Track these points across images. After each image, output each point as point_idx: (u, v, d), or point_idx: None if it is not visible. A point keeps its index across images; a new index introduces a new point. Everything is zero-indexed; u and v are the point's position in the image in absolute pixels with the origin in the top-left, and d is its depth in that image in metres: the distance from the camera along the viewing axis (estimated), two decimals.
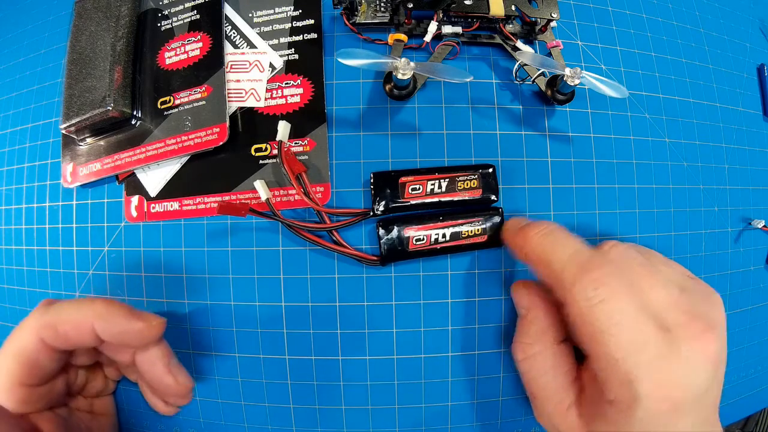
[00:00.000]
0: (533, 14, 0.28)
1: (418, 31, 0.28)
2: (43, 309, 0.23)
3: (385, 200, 0.26)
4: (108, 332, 0.23)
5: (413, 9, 0.27)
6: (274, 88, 0.28)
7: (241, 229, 0.27)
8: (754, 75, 0.35)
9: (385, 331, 0.27)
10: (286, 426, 0.27)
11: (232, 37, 0.29)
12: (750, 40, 0.35)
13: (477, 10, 0.27)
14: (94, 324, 0.22)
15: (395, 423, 0.27)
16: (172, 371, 0.25)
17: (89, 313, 0.22)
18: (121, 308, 0.23)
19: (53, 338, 0.22)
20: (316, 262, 0.27)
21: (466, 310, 0.27)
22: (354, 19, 0.28)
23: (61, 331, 0.22)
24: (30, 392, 0.22)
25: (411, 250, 0.26)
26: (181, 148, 0.28)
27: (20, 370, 0.22)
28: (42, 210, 0.30)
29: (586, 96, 0.29)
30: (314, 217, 0.27)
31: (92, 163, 0.29)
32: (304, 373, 0.27)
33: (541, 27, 0.28)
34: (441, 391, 0.27)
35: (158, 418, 0.28)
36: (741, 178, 0.32)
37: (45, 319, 0.22)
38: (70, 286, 0.30)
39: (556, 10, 0.28)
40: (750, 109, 0.34)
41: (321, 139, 0.27)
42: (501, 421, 0.28)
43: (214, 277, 0.27)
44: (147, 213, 0.29)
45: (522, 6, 0.28)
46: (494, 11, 0.27)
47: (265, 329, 0.27)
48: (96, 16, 0.29)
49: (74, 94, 0.28)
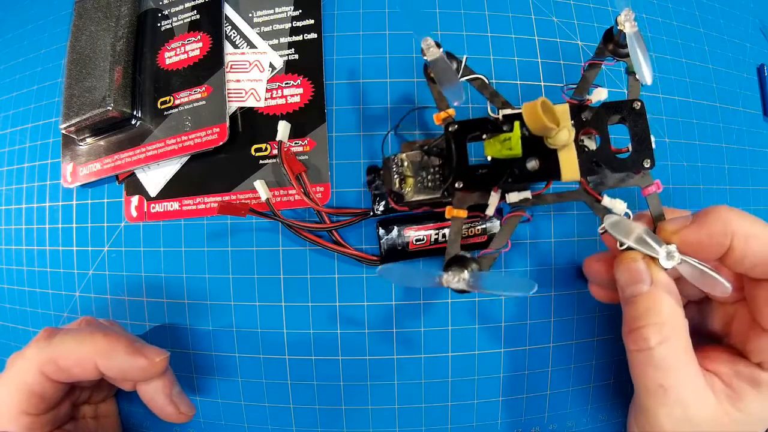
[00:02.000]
0: (621, 169, 0.21)
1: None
2: (44, 342, 0.22)
3: (385, 200, 0.26)
4: (110, 369, 0.22)
5: (464, 189, 0.22)
6: (274, 88, 0.28)
7: (241, 229, 0.27)
8: (754, 75, 0.34)
9: (385, 331, 0.27)
10: (286, 426, 0.27)
11: (232, 37, 0.29)
12: (750, 40, 0.35)
13: (544, 177, 0.21)
14: (96, 360, 0.22)
15: (395, 423, 0.27)
16: (174, 401, 0.24)
17: (90, 349, 0.22)
18: (122, 343, 0.23)
19: (55, 373, 0.22)
20: (316, 262, 0.27)
21: (466, 310, 0.27)
22: (402, 200, 0.24)
23: (63, 366, 0.22)
24: (35, 420, 0.22)
25: (411, 250, 0.26)
26: (181, 148, 0.28)
27: (24, 401, 0.22)
28: (42, 210, 0.30)
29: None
30: (314, 217, 0.27)
31: (92, 163, 0.29)
32: (304, 373, 0.27)
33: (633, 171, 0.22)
34: (441, 390, 0.27)
35: (157, 418, 0.28)
36: (741, 178, 0.32)
37: (47, 352, 0.22)
38: (70, 286, 0.30)
39: (650, 157, 0.21)
40: (750, 109, 0.34)
41: (321, 139, 0.27)
42: (501, 420, 0.28)
43: (213, 277, 0.27)
44: (147, 213, 0.29)
45: (607, 160, 0.21)
46: (567, 176, 0.21)
47: (265, 329, 0.27)
48: (96, 16, 0.29)
49: (74, 94, 0.28)
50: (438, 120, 0.23)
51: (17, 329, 0.31)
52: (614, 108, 0.21)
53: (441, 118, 0.23)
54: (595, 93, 0.23)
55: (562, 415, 0.28)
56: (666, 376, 0.19)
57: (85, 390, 0.26)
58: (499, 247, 0.22)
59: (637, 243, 0.20)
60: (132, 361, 0.22)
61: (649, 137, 0.21)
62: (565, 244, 0.28)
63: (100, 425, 0.27)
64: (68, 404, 0.24)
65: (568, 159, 0.21)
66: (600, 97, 0.22)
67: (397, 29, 0.28)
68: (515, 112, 0.22)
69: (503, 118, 0.22)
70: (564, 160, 0.21)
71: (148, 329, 0.28)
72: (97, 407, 0.27)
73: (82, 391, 0.26)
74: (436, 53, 0.21)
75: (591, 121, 0.21)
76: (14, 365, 0.22)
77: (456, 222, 0.22)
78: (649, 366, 0.20)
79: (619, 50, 0.23)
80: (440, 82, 0.22)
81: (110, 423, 0.27)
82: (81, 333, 0.23)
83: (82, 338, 0.22)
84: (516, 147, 0.20)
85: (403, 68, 0.28)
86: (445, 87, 0.22)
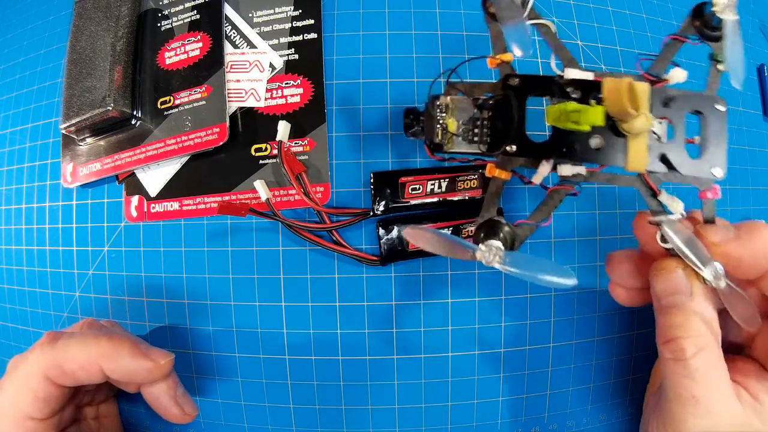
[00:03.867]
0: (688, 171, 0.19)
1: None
2: (48, 346, 0.22)
3: (385, 200, 0.26)
4: (116, 372, 0.22)
5: (516, 155, 0.19)
6: (274, 88, 0.28)
7: (241, 229, 0.27)
8: (754, 75, 0.34)
9: (385, 331, 0.27)
10: (286, 426, 0.27)
11: (232, 37, 0.29)
12: (750, 40, 0.35)
13: (607, 161, 0.19)
14: (101, 364, 0.22)
15: (395, 423, 0.27)
16: (178, 402, 0.24)
17: (95, 352, 0.22)
18: (127, 346, 0.23)
19: (60, 377, 0.22)
20: (316, 262, 0.27)
21: (466, 310, 0.27)
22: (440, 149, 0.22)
23: (68, 370, 0.22)
24: (39, 424, 0.22)
25: (411, 250, 0.26)
26: (181, 148, 0.28)
27: (28, 405, 0.22)
28: (42, 210, 0.30)
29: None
30: (314, 217, 0.27)
31: (92, 163, 0.29)
32: (304, 373, 0.27)
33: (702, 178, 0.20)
34: (441, 390, 0.27)
35: (157, 418, 0.28)
36: (741, 178, 0.32)
37: (51, 357, 0.22)
38: (70, 286, 0.30)
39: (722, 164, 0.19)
40: (750, 109, 0.34)
41: (321, 139, 0.27)
42: (501, 420, 0.28)
43: (213, 277, 0.27)
44: (147, 213, 0.29)
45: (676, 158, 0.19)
46: (633, 165, 0.19)
47: (265, 329, 0.27)
48: (96, 16, 0.29)
49: (74, 94, 0.28)
50: (492, 64, 0.20)
51: (17, 329, 0.31)
52: (694, 99, 0.20)
53: (496, 62, 0.20)
54: (672, 73, 0.20)
55: (562, 415, 0.28)
56: (699, 386, 0.19)
57: (87, 392, 0.26)
58: (539, 221, 0.20)
59: (687, 250, 0.18)
60: (137, 363, 0.22)
61: (725, 143, 0.20)
62: (566, 245, 0.28)
63: (102, 426, 0.27)
64: (72, 407, 0.24)
65: (638, 147, 0.19)
66: (678, 78, 0.20)
67: (397, 29, 0.28)
68: (586, 78, 0.19)
69: (572, 84, 0.19)
70: (633, 148, 0.19)
71: (148, 329, 0.28)
72: (98, 408, 0.27)
73: (85, 394, 0.26)
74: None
75: (667, 108, 0.19)
76: (17, 369, 0.22)
77: (496, 183, 0.20)
78: (684, 376, 0.20)
79: (707, 31, 0.20)
80: (501, 20, 0.19)
81: (111, 423, 0.27)
82: (85, 336, 0.23)
83: (86, 342, 0.22)
84: (586, 125, 0.18)
85: (403, 68, 0.28)
86: (508, 26, 0.19)
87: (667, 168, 0.19)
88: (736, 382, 0.21)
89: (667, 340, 0.20)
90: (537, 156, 0.20)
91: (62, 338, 0.22)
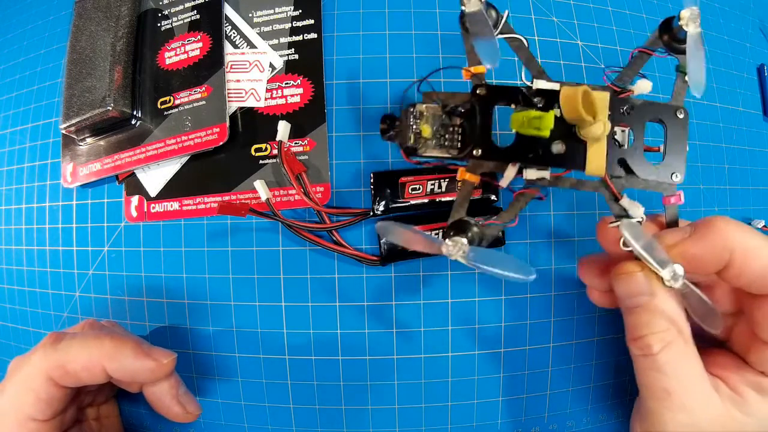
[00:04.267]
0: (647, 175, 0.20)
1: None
2: (50, 347, 0.22)
3: (385, 200, 0.26)
4: (118, 372, 0.22)
5: (482, 158, 0.21)
6: (274, 88, 0.28)
7: (241, 229, 0.27)
8: (754, 75, 0.34)
9: (385, 331, 0.27)
10: (286, 426, 0.27)
11: (232, 37, 0.29)
12: (750, 40, 0.35)
13: (567, 163, 0.20)
14: (103, 364, 0.22)
15: (395, 423, 0.27)
16: (180, 401, 0.24)
17: (98, 353, 0.22)
18: (129, 346, 0.23)
19: (63, 378, 0.22)
20: (316, 262, 0.27)
21: (465, 310, 0.27)
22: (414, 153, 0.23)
23: (71, 370, 0.22)
24: (42, 426, 0.22)
25: (411, 250, 0.26)
26: (181, 148, 0.28)
27: (31, 406, 0.22)
28: (42, 210, 0.30)
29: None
30: (314, 217, 0.27)
31: (92, 163, 0.29)
32: (304, 373, 0.27)
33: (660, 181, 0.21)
34: (441, 390, 0.27)
35: (158, 418, 0.28)
36: (741, 178, 0.32)
37: (53, 358, 0.22)
38: (70, 286, 0.30)
39: (681, 170, 0.20)
40: (750, 109, 0.34)
41: (321, 139, 0.27)
42: (501, 420, 0.28)
43: (213, 277, 0.27)
44: (147, 213, 0.29)
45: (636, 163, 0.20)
46: (592, 170, 0.20)
47: (265, 329, 0.27)
48: (96, 16, 0.29)
49: (74, 94, 0.28)
50: (466, 75, 0.22)
51: (17, 329, 0.31)
52: (656, 109, 0.21)
53: (470, 73, 0.22)
54: (638, 84, 0.21)
55: (562, 415, 0.28)
56: (669, 379, 0.20)
57: (89, 393, 0.26)
58: (506, 221, 0.21)
59: (646, 254, 0.19)
60: (140, 363, 0.22)
61: (685, 150, 0.20)
62: (565, 244, 0.28)
63: (103, 426, 0.27)
64: (74, 408, 0.24)
65: (597, 152, 0.20)
66: (643, 89, 0.21)
67: (397, 29, 0.28)
68: (550, 88, 0.21)
69: (536, 93, 0.20)
70: (592, 153, 0.20)
71: (148, 330, 0.28)
72: (99, 409, 0.27)
73: (87, 395, 0.26)
74: (476, 5, 0.19)
75: (628, 116, 0.20)
76: (20, 371, 0.22)
77: (466, 186, 0.21)
78: (653, 370, 0.20)
79: (675, 45, 0.21)
80: (473, 35, 0.20)
81: (112, 423, 0.27)
82: (87, 337, 0.23)
83: (88, 342, 0.22)
84: (545, 130, 0.19)
85: (403, 68, 0.28)
86: (478, 42, 0.20)
87: (625, 172, 0.20)
88: (715, 375, 0.21)
89: (634, 338, 0.21)
90: (502, 160, 0.21)
91: (64, 339, 0.22)
